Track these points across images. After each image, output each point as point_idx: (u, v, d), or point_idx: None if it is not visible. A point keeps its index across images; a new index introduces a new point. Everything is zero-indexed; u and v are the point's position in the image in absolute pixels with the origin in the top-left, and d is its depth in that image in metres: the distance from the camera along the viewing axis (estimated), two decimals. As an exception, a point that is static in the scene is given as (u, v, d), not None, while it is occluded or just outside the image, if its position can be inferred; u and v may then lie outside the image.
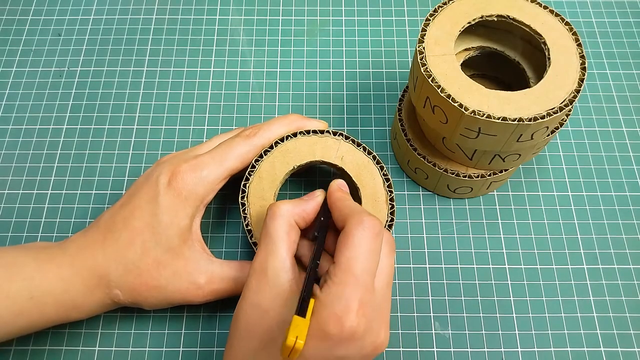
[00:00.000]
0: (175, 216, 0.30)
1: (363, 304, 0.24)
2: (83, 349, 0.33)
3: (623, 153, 0.40)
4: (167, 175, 0.30)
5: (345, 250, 0.24)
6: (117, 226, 0.30)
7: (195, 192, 0.30)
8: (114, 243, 0.29)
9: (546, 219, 0.38)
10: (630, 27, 0.46)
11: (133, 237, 0.29)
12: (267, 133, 0.32)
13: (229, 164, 0.31)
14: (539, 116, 0.28)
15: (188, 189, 0.30)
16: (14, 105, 0.42)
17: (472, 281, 0.35)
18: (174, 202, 0.30)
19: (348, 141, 0.33)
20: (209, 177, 0.30)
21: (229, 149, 0.31)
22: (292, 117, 0.34)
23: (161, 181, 0.30)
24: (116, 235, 0.29)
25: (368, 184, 0.32)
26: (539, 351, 0.33)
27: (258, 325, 0.26)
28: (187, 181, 0.30)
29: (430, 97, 0.30)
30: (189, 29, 0.46)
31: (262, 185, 0.32)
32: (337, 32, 0.46)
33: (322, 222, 0.28)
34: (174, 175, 0.30)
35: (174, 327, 0.34)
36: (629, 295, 0.35)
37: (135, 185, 0.32)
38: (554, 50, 0.30)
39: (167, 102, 0.42)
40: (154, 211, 0.29)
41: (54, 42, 0.45)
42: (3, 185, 0.39)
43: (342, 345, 0.23)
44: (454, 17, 0.32)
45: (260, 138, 0.32)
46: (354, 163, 0.33)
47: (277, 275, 0.26)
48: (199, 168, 0.30)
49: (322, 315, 0.23)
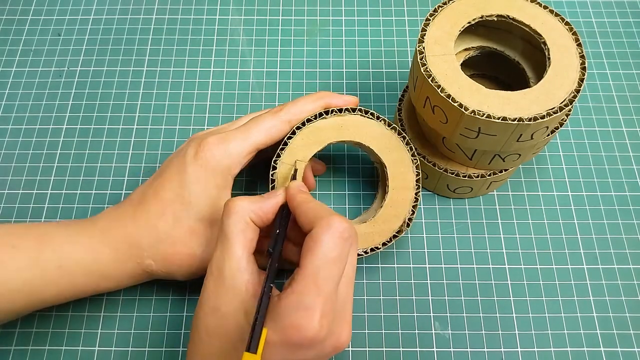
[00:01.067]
0: (205, 186, 0.30)
1: (325, 311, 0.23)
2: (83, 349, 0.33)
3: (623, 153, 0.40)
4: (194, 148, 0.31)
5: (311, 256, 0.23)
6: (148, 198, 0.30)
7: (222, 163, 0.30)
8: (145, 214, 0.30)
9: (546, 218, 0.38)
10: (630, 27, 0.46)
11: (164, 207, 0.30)
12: (294, 108, 0.32)
13: (255, 137, 0.31)
14: (539, 116, 0.28)
15: (216, 159, 0.30)
16: (13, 105, 0.42)
17: (472, 281, 0.35)
18: (202, 173, 0.30)
19: (380, 121, 0.33)
20: (236, 149, 0.31)
21: (256, 124, 0.32)
22: (320, 93, 0.33)
23: (189, 153, 0.31)
24: (147, 207, 0.30)
25: (397, 165, 0.32)
26: (539, 351, 0.33)
27: (216, 330, 0.25)
28: (214, 153, 0.30)
29: (430, 97, 0.30)
30: (189, 29, 0.46)
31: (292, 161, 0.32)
32: (337, 32, 0.46)
33: (278, 235, 0.27)
34: (201, 147, 0.30)
35: (174, 327, 0.34)
36: (629, 295, 0.35)
37: (167, 160, 0.32)
38: (554, 50, 0.30)
39: (167, 102, 0.42)
40: (183, 182, 0.30)
41: (54, 42, 0.45)
42: (3, 185, 0.39)
43: (302, 350, 0.23)
44: (454, 17, 0.32)
45: (287, 113, 0.32)
46: (382, 143, 0.33)
47: (233, 277, 0.25)
48: (226, 141, 0.31)
49: (283, 323, 0.23)
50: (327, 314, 0.23)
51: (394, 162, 0.32)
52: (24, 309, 0.29)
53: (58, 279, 0.28)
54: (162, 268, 0.30)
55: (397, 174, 0.32)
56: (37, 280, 0.28)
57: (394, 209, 0.32)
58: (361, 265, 0.36)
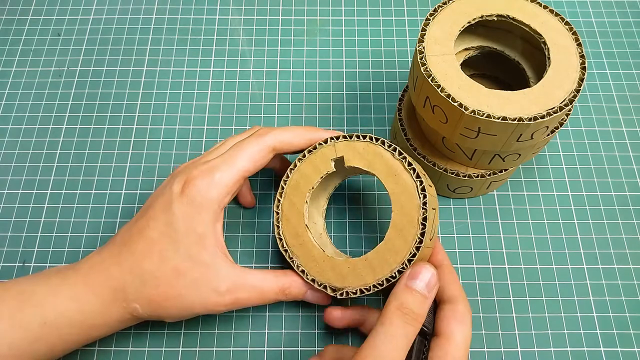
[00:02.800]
0: (191, 223, 0.29)
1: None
2: (83, 349, 0.33)
3: (623, 153, 0.40)
4: (180, 183, 0.30)
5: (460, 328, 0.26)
6: (133, 238, 0.29)
7: (209, 197, 0.29)
8: (130, 256, 0.29)
9: (546, 218, 0.38)
10: (630, 27, 0.46)
11: (150, 247, 0.29)
12: (279, 135, 0.31)
13: (240, 165, 0.30)
14: (539, 116, 0.28)
15: (202, 194, 0.29)
16: (13, 105, 0.42)
17: (472, 281, 0.35)
18: (188, 209, 0.29)
19: (377, 143, 0.31)
20: (222, 181, 0.30)
21: (240, 150, 0.31)
22: (306, 127, 0.33)
23: (174, 190, 0.29)
24: (132, 247, 0.29)
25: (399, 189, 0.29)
26: (539, 351, 0.33)
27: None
28: (200, 187, 0.29)
29: (430, 97, 0.30)
30: (188, 29, 0.46)
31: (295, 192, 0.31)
32: (337, 32, 0.46)
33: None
34: (186, 183, 0.29)
35: (174, 327, 0.34)
36: (629, 295, 0.35)
37: (150, 198, 0.31)
38: (553, 50, 0.30)
39: (166, 102, 0.42)
40: (169, 220, 0.29)
41: (54, 42, 0.45)
42: (3, 185, 0.39)
43: None
44: (454, 16, 0.32)
45: (271, 137, 0.31)
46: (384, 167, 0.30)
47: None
48: (211, 172, 0.30)
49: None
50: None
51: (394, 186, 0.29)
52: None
53: (44, 336, 0.27)
54: (149, 311, 0.29)
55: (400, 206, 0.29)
56: (23, 341, 0.27)
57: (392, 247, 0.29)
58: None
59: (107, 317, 0.28)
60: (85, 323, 0.28)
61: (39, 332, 0.27)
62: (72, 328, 0.28)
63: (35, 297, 0.27)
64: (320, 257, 0.30)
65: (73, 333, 0.28)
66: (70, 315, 0.28)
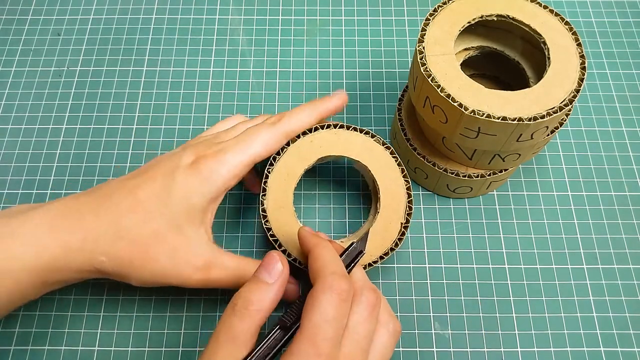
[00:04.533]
0: (188, 192, 0.29)
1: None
2: (83, 349, 0.33)
3: (623, 153, 0.40)
4: (191, 157, 0.30)
5: (309, 316, 0.23)
6: (121, 193, 0.29)
7: (218, 173, 0.29)
8: (111, 206, 0.28)
9: (546, 218, 0.38)
10: (630, 27, 0.46)
11: (136, 205, 0.28)
12: (292, 120, 0.32)
13: (253, 150, 0.31)
14: (539, 116, 0.28)
15: (210, 170, 0.29)
16: (13, 105, 0.42)
17: (472, 281, 0.35)
18: (191, 180, 0.29)
19: (374, 140, 0.33)
20: (233, 162, 0.30)
21: (254, 135, 0.31)
22: (313, 102, 0.33)
23: (184, 160, 0.30)
24: (117, 201, 0.28)
25: (388, 184, 0.32)
26: (539, 351, 0.33)
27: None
28: (210, 164, 0.29)
29: (430, 97, 0.30)
30: (188, 28, 0.46)
31: (282, 176, 0.32)
32: (337, 32, 0.46)
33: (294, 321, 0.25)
34: (198, 159, 0.30)
35: (174, 327, 0.34)
36: (629, 295, 0.35)
37: (156, 159, 0.31)
38: (553, 50, 0.30)
39: (166, 102, 0.42)
40: (167, 184, 0.29)
41: (54, 42, 0.45)
42: (3, 185, 0.39)
43: None
44: (454, 16, 0.32)
45: (284, 125, 0.32)
46: (375, 162, 0.33)
47: None
48: (223, 152, 0.30)
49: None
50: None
51: (385, 181, 0.32)
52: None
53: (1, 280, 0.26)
54: (116, 267, 0.28)
55: (388, 193, 0.32)
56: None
57: (385, 228, 0.32)
58: (361, 265, 0.36)
59: (67, 263, 0.27)
60: (41, 267, 0.27)
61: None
62: (29, 273, 0.26)
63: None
64: None
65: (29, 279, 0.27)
66: (26, 258, 0.26)
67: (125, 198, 0.28)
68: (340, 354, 0.23)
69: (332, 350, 0.23)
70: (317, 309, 0.23)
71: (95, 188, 0.30)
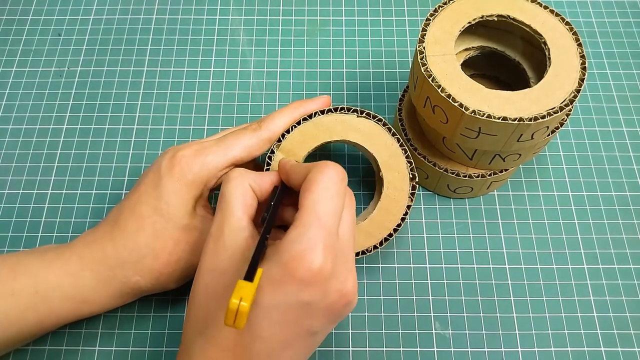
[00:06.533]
0: (182, 198, 0.30)
1: (327, 245, 0.23)
2: (83, 349, 0.33)
3: (623, 153, 0.40)
4: (169, 160, 0.30)
5: (310, 193, 0.24)
6: (125, 216, 0.30)
7: (199, 176, 0.30)
8: (122, 232, 0.29)
9: (546, 218, 0.38)
10: (630, 27, 0.46)
11: (141, 222, 0.29)
12: (272, 125, 0.32)
13: (233, 153, 0.31)
14: (539, 116, 0.28)
15: (192, 171, 0.30)
16: (14, 105, 0.42)
17: (472, 281, 0.35)
18: (178, 185, 0.29)
19: (376, 121, 0.32)
20: (212, 163, 0.30)
21: (235, 139, 0.31)
22: (293, 104, 0.33)
23: (163, 166, 0.30)
24: (124, 224, 0.29)
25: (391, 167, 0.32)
26: (539, 351, 0.33)
27: (215, 287, 0.25)
28: (190, 165, 0.30)
29: (430, 97, 0.30)
30: (189, 29, 0.46)
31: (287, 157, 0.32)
32: (337, 32, 0.46)
33: (277, 198, 0.27)
34: (176, 159, 0.30)
35: (174, 327, 0.34)
36: (629, 295, 0.35)
37: (142, 175, 0.32)
38: (554, 50, 0.30)
39: (167, 102, 0.42)
40: (159, 195, 0.29)
41: (54, 42, 0.45)
42: (3, 185, 0.39)
43: (306, 288, 0.22)
44: (454, 17, 0.32)
45: (266, 131, 0.32)
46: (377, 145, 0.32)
47: (234, 235, 0.25)
48: (202, 153, 0.30)
49: (286, 255, 0.22)
50: (329, 248, 0.23)
51: (388, 163, 0.32)
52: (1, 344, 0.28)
53: (35, 305, 0.28)
54: (152, 281, 0.30)
55: (392, 176, 0.32)
56: (13, 309, 0.27)
57: (388, 211, 0.32)
58: (361, 265, 0.36)
59: (103, 292, 0.29)
60: (77, 297, 0.29)
61: (30, 301, 0.28)
62: (64, 301, 0.28)
63: (29, 268, 0.28)
64: None
65: (64, 307, 0.28)
66: (63, 288, 0.28)
67: (130, 218, 0.30)
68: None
69: (334, 224, 0.24)
70: (317, 186, 0.24)
71: (106, 218, 0.31)
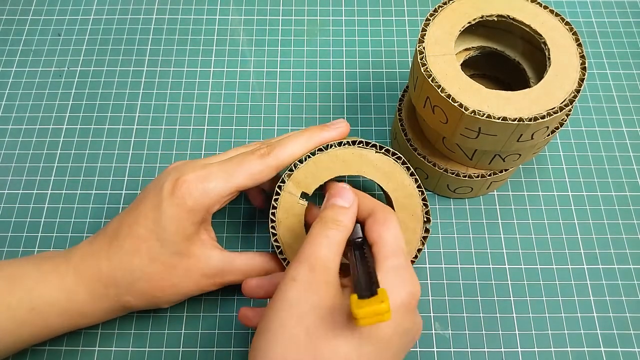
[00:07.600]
0: (180, 224, 0.29)
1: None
2: (83, 349, 0.33)
3: (623, 153, 0.40)
4: (171, 183, 0.29)
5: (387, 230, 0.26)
6: (123, 233, 0.29)
7: (200, 202, 0.29)
8: (119, 250, 0.29)
9: (546, 218, 0.38)
10: (630, 27, 0.46)
11: (138, 244, 0.29)
12: (282, 153, 0.30)
13: (238, 180, 0.30)
14: (539, 116, 0.28)
15: (193, 199, 0.29)
16: (13, 105, 0.42)
17: (472, 281, 0.35)
18: (177, 211, 0.29)
19: (385, 154, 0.31)
20: (215, 190, 0.29)
21: (240, 165, 0.30)
22: (309, 131, 0.32)
23: (165, 189, 0.29)
24: (121, 243, 0.29)
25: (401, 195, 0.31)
26: (539, 351, 0.33)
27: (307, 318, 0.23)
28: (192, 191, 0.29)
29: (430, 97, 0.30)
30: (189, 29, 0.46)
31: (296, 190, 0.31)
32: (337, 32, 0.46)
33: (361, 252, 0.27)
34: (178, 184, 0.29)
35: (174, 327, 0.34)
36: (629, 295, 0.35)
37: (144, 191, 0.31)
38: (554, 50, 0.30)
39: (167, 102, 0.42)
40: (157, 219, 0.29)
41: (54, 42, 0.45)
42: (3, 185, 0.39)
43: (410, 315, 0.24)
44: (454, 17, 0.32)
45: (274, 159, 0.30)
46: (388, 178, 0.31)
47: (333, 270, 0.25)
48: (206, 180, 0.29)
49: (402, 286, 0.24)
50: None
51: (403, 204, 0.31)
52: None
53: (31, 320, 0.28)
54: (142, 302, 0.30)
55: (405, 216, 0.31)
56: (9, 323, 0.27)
57: None
58: (361, 265, 0.36)
59: (96, 307, 0.29)
60: (73, 311, 0.29)
61: (27, 317, 0.28)
62: (60, 316, 0.29)
63: (25, 282, 0.28)
64: None
65: (59, 321, 0.29)
66: (59, 304, 0.28)
67: (127, 237, 0.29)
68: None
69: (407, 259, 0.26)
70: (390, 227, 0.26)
71: (105, 228, 0.31)
